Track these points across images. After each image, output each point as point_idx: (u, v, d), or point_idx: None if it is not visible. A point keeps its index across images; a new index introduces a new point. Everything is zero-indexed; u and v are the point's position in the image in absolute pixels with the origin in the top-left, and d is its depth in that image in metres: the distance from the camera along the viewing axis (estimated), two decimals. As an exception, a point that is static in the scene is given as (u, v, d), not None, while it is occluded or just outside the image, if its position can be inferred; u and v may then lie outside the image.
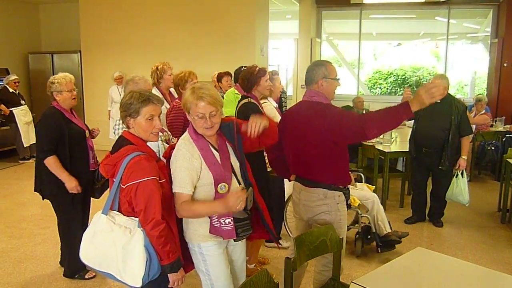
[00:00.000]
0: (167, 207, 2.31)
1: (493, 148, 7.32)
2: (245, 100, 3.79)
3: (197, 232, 2.43)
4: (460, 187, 4.92)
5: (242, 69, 4.47)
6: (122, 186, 2.27)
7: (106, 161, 2.37)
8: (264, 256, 4.30)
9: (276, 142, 2.72)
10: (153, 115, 2.36)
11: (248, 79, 3.77)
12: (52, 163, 3.55)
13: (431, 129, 4.95)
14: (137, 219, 2.23)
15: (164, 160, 2.52)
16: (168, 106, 4.05)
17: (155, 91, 4.28)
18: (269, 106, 4.02)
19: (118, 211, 2.31)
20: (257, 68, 3.78)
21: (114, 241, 2.24)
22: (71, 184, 3.58)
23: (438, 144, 4.93)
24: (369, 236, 4.38)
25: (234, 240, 2.48)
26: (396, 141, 6.39)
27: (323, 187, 2.82)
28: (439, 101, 4.76)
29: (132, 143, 2.36)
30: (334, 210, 2.85)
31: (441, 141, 4.90)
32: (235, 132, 2.52)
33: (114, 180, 2.30)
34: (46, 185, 3.68)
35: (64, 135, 3.58)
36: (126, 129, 2.45)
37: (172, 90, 4.39)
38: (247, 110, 3.69)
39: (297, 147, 2.90)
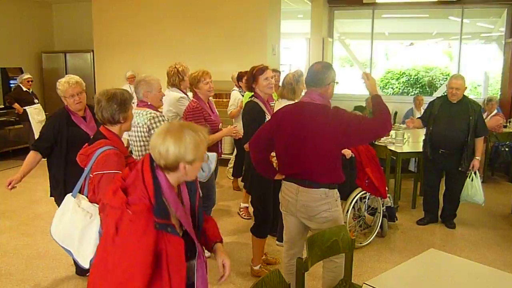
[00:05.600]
0: None
1: (507, 149, 7.25)
2: (249, 99, 3.83)
3: None
4: (475, 188, 4.90)
5: None
6: (90, 175, 2.48)
7: (82, 152, 2.61)
8: (275, 256, 4.29)
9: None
10: None
11: (248, 78, 3.85)
12: (27, 157, 3.48)
13: (450, 130, 4.91)
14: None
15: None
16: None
17: (175, 91, 4.34)
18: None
19: (87, 196, 2.53)
20: (257, 67, 3.79)
21: (76, 223, 2.49)
22: (13, 180, 3.37)
23: (456, 145, 4.89)
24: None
25: None
26: (408, 141, 6.35)
27: (324, 187, 2.86)
28: (455, 102, 4.86)
29: (106, 137, 2.56)
30: (334, 207, 2.92)
31: (459, 142, 4.87)
32: None
33: (85, 168, 2.52)
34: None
35: (61, 138, 3.50)
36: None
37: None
38: (249, 109, 3.75)
39: (301, 150, 2.84)
